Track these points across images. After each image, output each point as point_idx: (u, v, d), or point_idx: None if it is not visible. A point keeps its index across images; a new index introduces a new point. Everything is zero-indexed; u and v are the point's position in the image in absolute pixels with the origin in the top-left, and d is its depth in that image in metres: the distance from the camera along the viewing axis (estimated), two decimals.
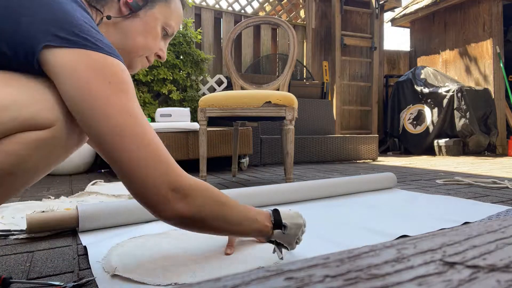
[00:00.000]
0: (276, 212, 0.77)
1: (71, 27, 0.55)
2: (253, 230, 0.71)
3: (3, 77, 0.53)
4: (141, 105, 3.21)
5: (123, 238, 0.99)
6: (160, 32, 0.78)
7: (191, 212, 0.60)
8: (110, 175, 2.54)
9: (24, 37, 0.53)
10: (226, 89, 3.79)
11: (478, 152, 4.51)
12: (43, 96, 0.54)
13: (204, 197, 0.62)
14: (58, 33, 0.54)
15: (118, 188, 1.91)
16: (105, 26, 0.72)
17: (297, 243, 0.81)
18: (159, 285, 0.69)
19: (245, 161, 2.88)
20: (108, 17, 0.72)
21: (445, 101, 4.48)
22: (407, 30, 6.11)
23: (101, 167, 2.99)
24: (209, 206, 0.62)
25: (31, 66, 0.55)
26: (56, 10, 0.55)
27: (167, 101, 3.48)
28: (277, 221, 0.75)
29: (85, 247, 0.92)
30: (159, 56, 0.81)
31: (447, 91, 4.49)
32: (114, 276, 0.73)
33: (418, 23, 5.84)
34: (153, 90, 3.30)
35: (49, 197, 1.63)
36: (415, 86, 4.85)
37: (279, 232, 0.75)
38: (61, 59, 0.54)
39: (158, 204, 0.58)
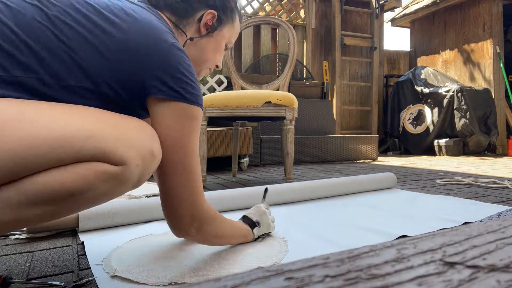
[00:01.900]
0: (245, 218, 0.92)
1: (178, 82, 0.66)
2: (242, 239, 0.89)
3: (98, 114, 0.60)
4: None
5: (123, 238, 0.99)
6: (223, 47, 0.90)
7: (200, 237, 0.75)
8: None
9: (138, 85, 0.65)
10: (226, 89, 3.79)
11: (478, 152, 4.52)
12: (125, 135, 0.60)
13: (213, 228, 0.76)
14: (167, 83, 0.65)
15: None
16: (186, 45, 0.83)
17: (272, 221, 0.98)
18: (159, 285, 0.69)
19: (245, 161, 2.88)
20: (191, 39, 0.82)
21: (445, 101, 4.48)
22: (407, 30, 6.11)
23: None
24: (214, 234, 0.77)
25: (135, 104, 0.67)
26: (170, 60, 0.66)
27: None
28: (250, 223, 0.91)
29: (84, 247, 0.92)
30: (217, 66, 0.92)
31: (447, 91, 4.49)
32: (114, 276, 0.73)
33: (418, 23, 5.84)
34: None
35: None
36: (415, 86, 4.86)
37: (256, 229, 0.92)
38: (163, 108, 0.66)
39: (178, 225, 0.71)
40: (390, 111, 5.17)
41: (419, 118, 4.78)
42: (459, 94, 4.39)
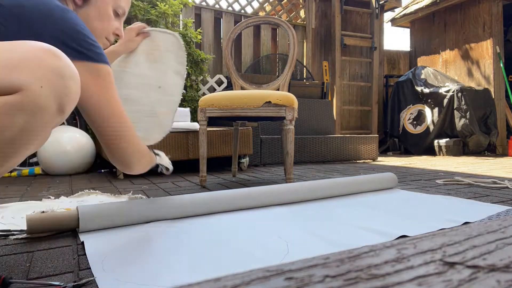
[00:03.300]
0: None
1: (79, 41, 0.68)
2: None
3: None
4: None
5: (123, 239, 0.99)
6: (112, 14, 0.88)
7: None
8: (110, 175, 2.54)
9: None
10: (226, 89, 3.79)
11: (478, 152, 4.52)
12: (14, 58, 0.53)
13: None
14: (69, 45, 0.66)
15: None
16: None
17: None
18: (159, 286, 0.69)
19: (245, 161, 2.88)
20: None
21: (445, 101, 4.48)
22: (407, 30, 6.11)
23: (101, 167, 2.99)
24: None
25: None
26: (66, 22, 0.67)
27: None
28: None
29: (84, 247, 0.92)
30: (117, 35, 0.92)
31: (447, 91, 4.49)
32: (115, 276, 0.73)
33: (418, 23, 5.84)
34: None
35: (49, 197, 1.63)
36: (415, 86, 4.86)
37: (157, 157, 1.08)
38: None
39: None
40: (390, 111, 5.17)
41: (419, 118, 4.78)
42: (459, 94, 4.39)
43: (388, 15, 6.05)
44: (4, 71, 0.51)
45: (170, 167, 1.18)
